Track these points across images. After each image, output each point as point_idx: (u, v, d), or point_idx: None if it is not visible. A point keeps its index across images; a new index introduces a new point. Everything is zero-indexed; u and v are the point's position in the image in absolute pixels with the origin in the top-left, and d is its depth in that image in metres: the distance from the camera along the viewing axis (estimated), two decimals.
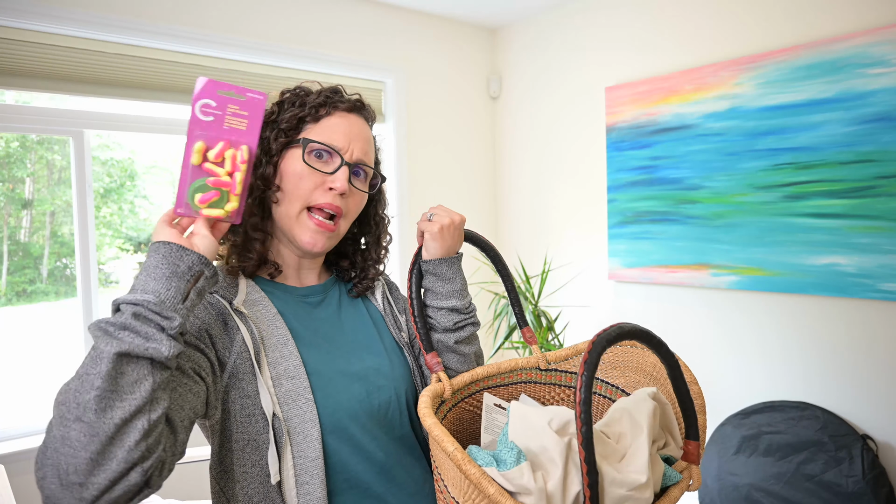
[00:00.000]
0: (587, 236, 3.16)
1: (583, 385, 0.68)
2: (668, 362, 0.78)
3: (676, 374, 0.78)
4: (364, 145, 0.96)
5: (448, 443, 0.73)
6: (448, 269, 0.98)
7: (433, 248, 0.97)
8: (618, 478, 0.74)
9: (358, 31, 3.04)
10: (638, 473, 0.75)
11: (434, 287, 0.98)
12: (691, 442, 0.82)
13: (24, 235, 2.78)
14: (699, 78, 2.60)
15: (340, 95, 0.97)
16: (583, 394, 0.68)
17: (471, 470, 0.71)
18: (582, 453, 0.68)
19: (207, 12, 2.58)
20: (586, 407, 0.68)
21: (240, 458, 0.84)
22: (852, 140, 2.19)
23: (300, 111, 0.93)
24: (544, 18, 3.32)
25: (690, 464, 0.83)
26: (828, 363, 2.33)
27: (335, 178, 0.91)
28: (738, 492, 2.32)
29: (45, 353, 2.93)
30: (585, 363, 0.70)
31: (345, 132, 0.93)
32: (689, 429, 0.82)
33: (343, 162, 0.92)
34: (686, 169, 2.67)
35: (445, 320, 0.98)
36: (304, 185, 0.91)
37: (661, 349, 0.77)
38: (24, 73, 2.20)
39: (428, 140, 3.35)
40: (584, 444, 0.68)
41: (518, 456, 0.75)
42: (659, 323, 2.85)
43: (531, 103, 3.42)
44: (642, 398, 0.84)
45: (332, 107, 0.94)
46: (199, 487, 2.52)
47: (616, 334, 0.72)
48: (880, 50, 2.11)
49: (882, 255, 2.14)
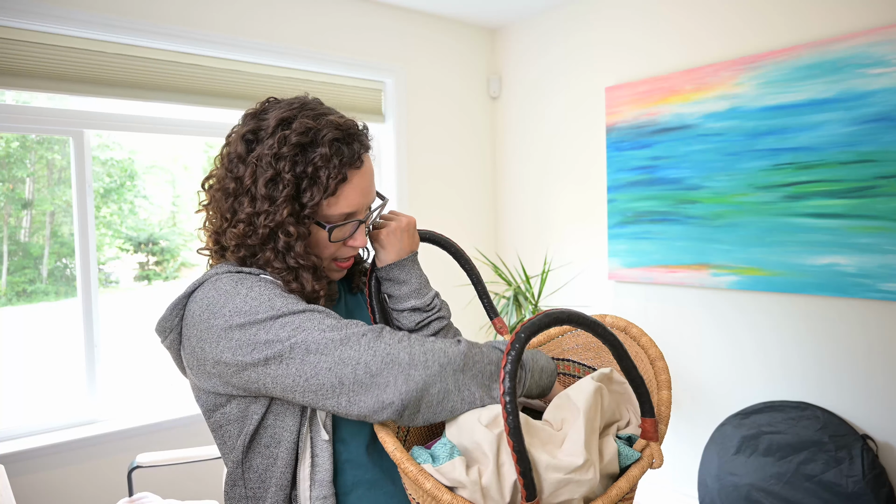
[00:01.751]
0: (587, 236, 3.16)
1: (505, 376, 0.70)
2: (609, 341, 0.79)
3: (620, 354, 0.79)
4: (373, 190, 0.96)
5: (389, 443, 0.78)
6: (401, 272, 0.99)
7: (382, 255, 0.99)
8: (552, 462, 0.74)
9: (358, 31, 3.04)
10: (573, 456, 0.76)
11: (392, 291, 1.00)
12: (647, 419, 0.83)
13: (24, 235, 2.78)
14: (699, 78, 2.60)
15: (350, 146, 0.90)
16: (506, 384, 0.70)
17: (409, 467, 0.75)
18: (510, 443, 0.70)
19: (208, 13, 2.58)
20: (511, 397, 0.70)
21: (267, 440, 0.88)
22: (852, 140, 2.19)
23: (320, 194, 0.87)
24: (544, 18, 3.32)
25: (650, 441, 0.83)
26: (828, 363, 2.33)
27: (355, 239, 0.95)
28: (738, 492, 2.32)
29: (45, 353, 2.93)
30: (508, 354, 0.71)
31: (360, 194, 0.92)
32: (642, 406, 0.82)
33: (359, 223, 0.94)
34: (686, 169, 2.67)
35: (408, 321, 1.00)
36: (328, 251, 0.94)
37: (595, 329, 0.77)
38: (24, 73, 2.20)
39: (428, 140, 3.35)
40: (511, 434, 0.69)
41: (451, 451, 0.78)
42: (659, 323, 2.85)
43: (531, 103, 3.42)
44: (587, 382, 0.85)
45: (348, 168, 0.89)
46: (200, 487, 2.52)
47: (545, 321, 0.74)
48: (880, 50, 2.11)
49: (882, 255, 2.14)
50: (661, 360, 0.91)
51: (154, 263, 3.37)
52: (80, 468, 2.33)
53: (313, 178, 0.88)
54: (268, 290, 0.84)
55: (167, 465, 2.09)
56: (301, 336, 0.79)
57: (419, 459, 0.79)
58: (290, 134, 0.87)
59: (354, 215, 0.93)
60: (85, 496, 2.33)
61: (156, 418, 2.50)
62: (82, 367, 2.42)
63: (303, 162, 0.87)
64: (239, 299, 0.82)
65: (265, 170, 0.87)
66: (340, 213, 0.91)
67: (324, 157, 0.87)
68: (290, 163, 0.87)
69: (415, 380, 0.78)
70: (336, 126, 0.90)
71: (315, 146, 0.88)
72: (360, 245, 0.95)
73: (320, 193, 0.88)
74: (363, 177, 0.92)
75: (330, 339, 0.79)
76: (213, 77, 2.63)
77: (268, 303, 0.82)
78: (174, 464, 2.10)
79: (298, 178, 0.87)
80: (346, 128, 0.91)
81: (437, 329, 1.01)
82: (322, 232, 0.91)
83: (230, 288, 0.84)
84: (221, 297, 0.83)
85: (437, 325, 1.01)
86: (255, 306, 0.82)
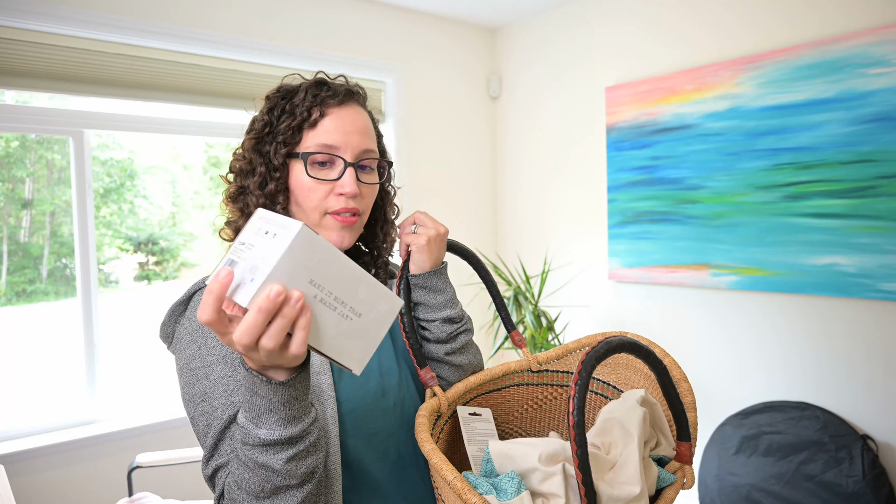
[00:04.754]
0: (587, 236, 3.16)
1: (575, 408, 0.68)
2: (657, 369, 0.77)
3: (665, 381, 0.78)
4: (363, 136, 0.92)
5: (447, 471, 0.74)
6: (438, 281, 0.97)
7: (420, 262, 0.96)
8: (613, 494, 0.74)
9: (358, 31, 3.04)
10: (631, 485, 0.75)
11: (426, 300, 0.97)
12: (683, 444, 0.83)
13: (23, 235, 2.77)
14: (699, 78, 2.60)
15: (328, 88, 0.92)
16: (576, 417, 0.68)
17: (472, 500, 0.72)
18: (579, 476, 0.68)
19: (208, 13, 2.58)
20: (580, 430, 0.67)
21: None
22: (852, 140, 2.19)
23: (292, 120, 0.89)
24: (544, 18, 3.32)
25: (684, 464, 0.83)
26: (828, 363, 2.33)
27: (342, 183, 0.89)
28: (738, 492, 2.32)
29: (45, 353, 2.93)
30: (576, 384, 0.69)
31: (342, 130, 0.90)
32: (680, 431, 0.82)
33: (346, 164, 0.90)
34: (686, 169, 2.67)
35: (440, 331, 0.97)
36: (315, 196, 0.89)
37: (649, 358, 0.76)
38: (24, 73, 2.19)
39: (428, 140, 3.35)
40: (580, 468, 0.68)
41: (518, 486, 0.76)
42: (659, 323, 2.85)
43: (531, 103, 3.42)
44: (632, 405, 0.84)
45: (323, 106, 0.90)
46: (200, 487, 2.52)
47: (604, 350, 0.71)
48: (880, 50, 2.11)
49: (882, 255, 2.14)
50: (686, 382, 0.90)
51: (154, 263, 3.37)
52: (80, 468, 2.32)
53: (288, 111, 0.91)
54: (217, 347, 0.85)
55: (167, 465, 2.09)
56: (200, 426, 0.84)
57: (481, 490, 0.76)
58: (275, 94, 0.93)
59: (337, 150, 0.90)
60: (85, 496, 2.33)
61: (156, 418, 2.50)
62: (82, 367, 2.42)
63: (281, 106, 0.91)
64: (192, 351, 0.86)
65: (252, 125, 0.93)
66: (319, 143, 0.89)
67: (301, 96, 0.91)
68: (268, 105, 0.93)
69: None
70: (319, 80, 0.93)
71: (297, 93, 0.92)
72: (349, 192, 0.88)
73: (291, 119, 0.90)
74: (344, 117, 0.91)
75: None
76: (214, 77, 2.63)
77: (206, 370, 0.84)
78: (174, 464, 2.10)
79: (277, 117, 0.91)
80: (331, 80, 0.94)
81: (465, 342, 0.99)
82: (304, 175, 0.89)
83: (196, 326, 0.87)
84: (186, 337, 0.87)
85: (465, 339, 0.99)
86: (198, 368, 0.85)
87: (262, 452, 0.67)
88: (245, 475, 0.70)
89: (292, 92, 0.92)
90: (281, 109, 0.91)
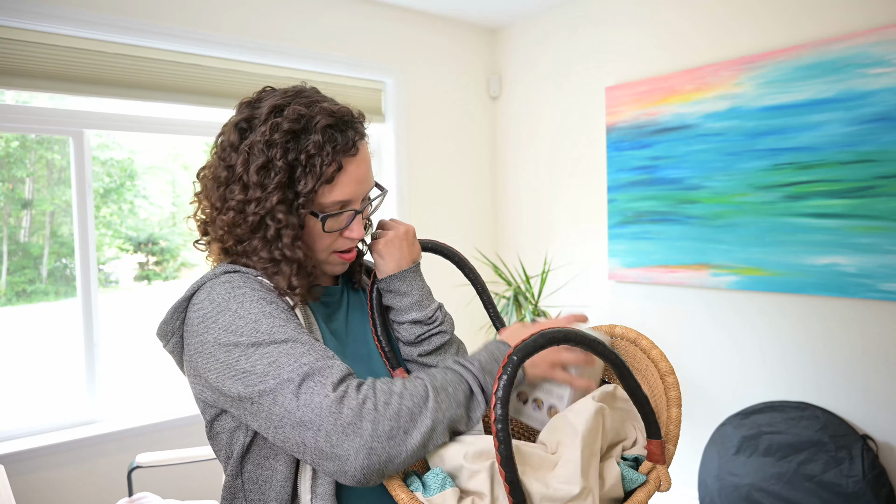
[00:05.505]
0: (587, 236, 3.16)
1: (497, 402, 0.66)
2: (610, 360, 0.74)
3: (623, 373, 0.75)
4: (370, 179, 0.93)
5: None
6: (401, 283, 0.96)
7: (382, 266, 0.97)
8: (547, 493, 0.70)
9: (358, 31, 3.04)
10: (569, 484, 0.71)
11: (393, 303, 0.98)
12: (653, 441, 0.78)
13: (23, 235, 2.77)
14: (699, 78, 2.60)
15: (343, 133, 0.88)
16: (497, 412, 0.65)
17: (400, 494, 0.73)
18: (503, 474, 0.66)
19: (208, 13, 2.58)
20: (503, 425, 0.65)
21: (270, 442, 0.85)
22: (852, 140, 2.19)
23: (313, 181, 0.86)
24: (544, 18, 3.32)
25: (656, 463, 0.78)
26: (828, 363, 2.33)
27: (351, 229, 0.92)
28: (738, 492, 2.32)
29: (45, 353, 2.93)
30: (500, 379, 0.66)
31: (356, 185, 0.90)
32: (648, 427, 0.78)
33: (356, 213, 0.92)
34: (686, 169, 2.67)
35: (408, 334, 0.97)
36: (325, 243, 0.92)
37: (595, 348, 0.73)
38: (24, 73, 2.19)
39: (428, 140, 3.35)
40: (503, 464, 0.65)
41: (443, 482, 0.74)
42: (659, 323, 2.85)
43: (531, 103, 3.42)
44: (586, 400, 0.81)
45: (339, 157, 0.87)
46: (200, 487, 2.52)
47: (539, 343, 0.68)
48: (880, 50, 2.11)
49: (882, 255, 2.14)
50: (672, 375, 0.85)
51: (154, 263, 3.37)
52: (80, 468, 2.32)
53: (307, 166, 0.86)
54: (256, 307, 0.82)
55: (167, 465, 2.09)
56: (271, 382, 0.76)
57: (412, 487, 0.76)
58: (282, 121, 0.86)
59: (350, 204, 0.91)
60: (85, 496, 2.33)
61: (156, 418, 2.50)
62: (82, 367, 2.42)
63: (295, 150, 0.86)
64: (228, 316, 0.81)
65: (257, 157, 0.86)
66: (335, 201, 0.89)
67: (317, 145, 0.86)
68: (281, 150, 0.85)
69: (377, 454, 0.73)
70: (329, 113, 0.88)
71: (308, 133, 0.86)
72: (356, 237, 0.92)
73: (314, 181, 0.86)
74: (359, 165, 0.90)
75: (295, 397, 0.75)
76: (214, 77, 2.63)
77: (253, 324, 0.80)
78: (174, 464, 2.10)
79: (291, 166, 0.86)
80: (340, 115, 0.89)
81: (439, 344, 0.98)
82: (317, 223, 0.89)
83: (223, 301, 0.83)
84: (214, 310, 0.83)
85: (439, 340, 0.98)
86: (241, 326, 0.80)
87: (478, 388, 0.80)
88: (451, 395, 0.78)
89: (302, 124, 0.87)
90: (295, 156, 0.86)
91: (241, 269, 0.89)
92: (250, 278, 0.87)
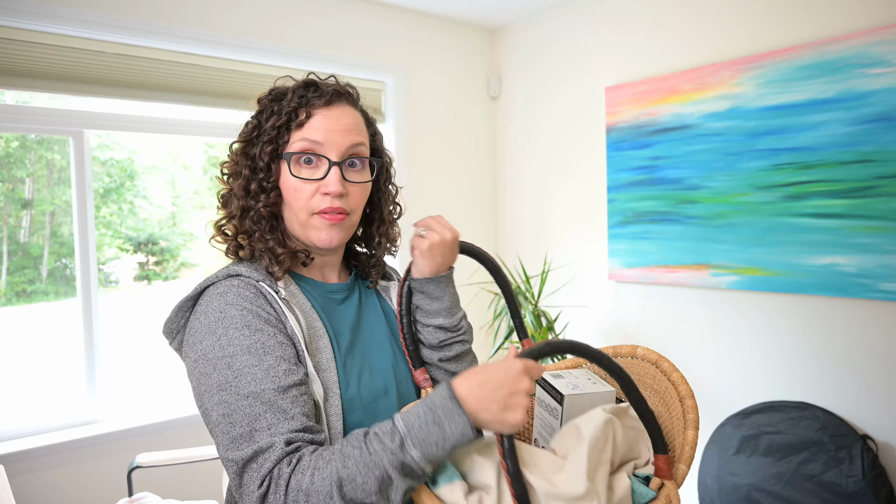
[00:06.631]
0: (587, 236, 3.16)
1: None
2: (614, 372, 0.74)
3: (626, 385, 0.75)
4: (350, 133, 0.92)
5: None
6: (436, 288, 0.97)
7: (422, 266, 0.96)
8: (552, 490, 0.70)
9: (358, 31, 3.04)
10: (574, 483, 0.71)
11: (422, 304, 0.98)
12: (659, 456, 0.78)
13: (23, 235, 2.77)
14: (699, 78, 2.60)
15: (315, 89, 0.93)
16: None
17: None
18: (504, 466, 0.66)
19: (208, 13, 2.58)
20: None
21: None
22: (852, 140, 2.19)
23: (278, 120, 0.90)
24: (544, 18, 3.32)
25: (664, 479, 0.78)
26: (828, 363, 2.33)
27: (327, 182, 0.90)
28: (738, 492, 2.32)
29: (45, 353, 2.93)
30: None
31: (326, 129, 0.90)
32: (654, 442, 0.78)
33: (331, 163, 0.90)
34: (686, 169, 2.67)
35: (432, 337, 0.98)
36: (302, 196, 0.91)
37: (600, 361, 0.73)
38: (24, 73, 2.19)
39: (428, 140, 3.35)
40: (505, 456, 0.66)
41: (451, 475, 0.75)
42: (659, 323, 2.85)
43: (531, 103, 3.42)
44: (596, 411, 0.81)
45: (309, 106, 0.91)
46: (200, 487, 2.52)
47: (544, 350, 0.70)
48: (880, 50, 2.11)
49: (882, 255, 2.14)
50: (692, 399, 0.85)
51: (154, 263, 3.37)
52: (80, 468, 2.32)
53: (278, 114, 0.91)
54: (239, 337, 0.82)
55: (167, 465, 2.09)
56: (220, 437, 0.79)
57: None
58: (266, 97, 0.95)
59: (321, 149, 0.90)
60: (85, 496, 2.33)
61: (156, 418, 2.50)
62: (82, 367, 2.42)
63: (270, 108, 0.93)
64: (211, 341, 0.82)
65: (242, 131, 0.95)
66: (303, 138, 0.90)
67: (288, 98, 0.92)
68: (258, 110, 0.94)
69: None
70: (305, 82, 0.94)
71: (284, 96, 0.93)
72: (333, 190, 0.89)
73: (277, 119, 0.90)
74: (330, 117, 0.91)
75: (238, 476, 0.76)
76: (214, 77, 2.63)
77: (228, 359, 0.80)
78: (174, 464, 2.10)
79: (263, 119, 0.93)
80: (316, 81, 0.95)
81: (459, 351, 0.99)
82: (290, 175, 0.90)
83: (213, 320, 0.84)
84: (203, 328, 0.84)
85: (459, 348, 1.00)
86: (219, 358, 0.81)
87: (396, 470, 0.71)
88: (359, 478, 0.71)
89: (282, 94, 0.93)
90: (270, 111, 0.92)
91: (243, 273, 0.89)
92: (250, 286, 0.88)
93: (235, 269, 0.90)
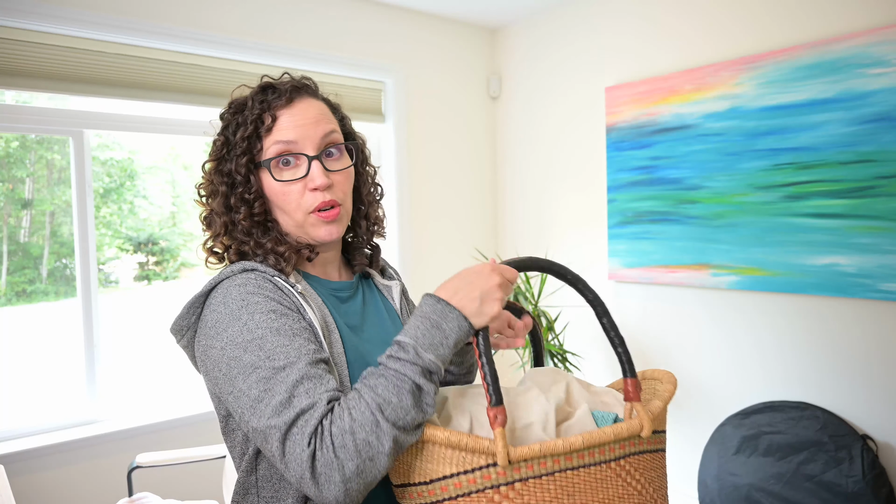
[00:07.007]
0: (587, 236, 3.16)
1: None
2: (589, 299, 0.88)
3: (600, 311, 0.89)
4: (319, 123, 0.93)
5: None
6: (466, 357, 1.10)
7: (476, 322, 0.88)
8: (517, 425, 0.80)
9: (358, 31, 3.04)
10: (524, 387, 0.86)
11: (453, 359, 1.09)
12: (628, 380, 0.82)
13: (23, 235, 2.77)
14: (699, 78, 2.60)
15: (273, 91, 0.94)
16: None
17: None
18: (476, 352, 0.78)
19: (208, 13, 2.58)
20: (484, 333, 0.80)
21: None
22: (852, 140, 2.19)
23: (245, 130, 0.91)
24: (544, 19, 3.32)
25: (632, 402, 0.81)
26: (827, 363, 2.33)
27: (311, 178, 0.91)
28: (738, 492, 2.32)
29: (45, 353, 2.93)
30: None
31: (296, 126, 0.91)
32: (623, 366, 0.83)
33: (310, 159, 0.91)
34: (686, 169, 2.67)
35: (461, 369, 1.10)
36: (292, 198, 0.92)
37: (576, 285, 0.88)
38: (24, 73, 2.20)
39: (428, 140, 3.35)
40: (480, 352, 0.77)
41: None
42: (659, 323, 2.85)
43: (531, 103, 3.42)
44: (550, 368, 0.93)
45: (272, 109, 0.92)
46: (200, 487, 2.52)
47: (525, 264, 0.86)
48: (880, 50, 2.11)
49: (882, 255, 2.14)
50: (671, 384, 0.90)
51: (154, 263, 3.37)
52: (80, 468, 2.32)
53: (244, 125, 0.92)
54: (265, 321, 0.82)
55: (167, 465, 2.09)
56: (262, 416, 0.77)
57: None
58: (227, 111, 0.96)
59: (296, 146, 0.91)
60: (85, 496, 2.33)
61: (156, 418, 2.50)
62: (82, 367, 2.42)
63: (234, 122, 0.93)
64: (238, 327, 0.82)
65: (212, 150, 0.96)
66: (276, 140, 0.91)
67: (249, 107, 0.93)
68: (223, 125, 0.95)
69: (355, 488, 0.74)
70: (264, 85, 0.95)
71: (245, 106, 0.94)
72: (320, 184, 0.90)
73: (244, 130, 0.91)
74: (295, 113, 0.92)
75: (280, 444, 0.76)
76: (213, 77, 2.63)
77: (258, 341, 0.80)
78: (174, 464, 2.10)
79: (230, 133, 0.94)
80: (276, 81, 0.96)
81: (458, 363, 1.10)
82: (273, 181, 0.92)
83: (236, 307, 0.83)
84: (227, 315, 0.84)
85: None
86: (248, 341, 0.81)
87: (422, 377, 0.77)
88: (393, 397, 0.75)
89: (242, 105, 0.94)
90: (235, 124, 0.93)
91: (258, 268, 0.90)
92: (267, 280, 0.88)
93: (250, 265, 0.90)
